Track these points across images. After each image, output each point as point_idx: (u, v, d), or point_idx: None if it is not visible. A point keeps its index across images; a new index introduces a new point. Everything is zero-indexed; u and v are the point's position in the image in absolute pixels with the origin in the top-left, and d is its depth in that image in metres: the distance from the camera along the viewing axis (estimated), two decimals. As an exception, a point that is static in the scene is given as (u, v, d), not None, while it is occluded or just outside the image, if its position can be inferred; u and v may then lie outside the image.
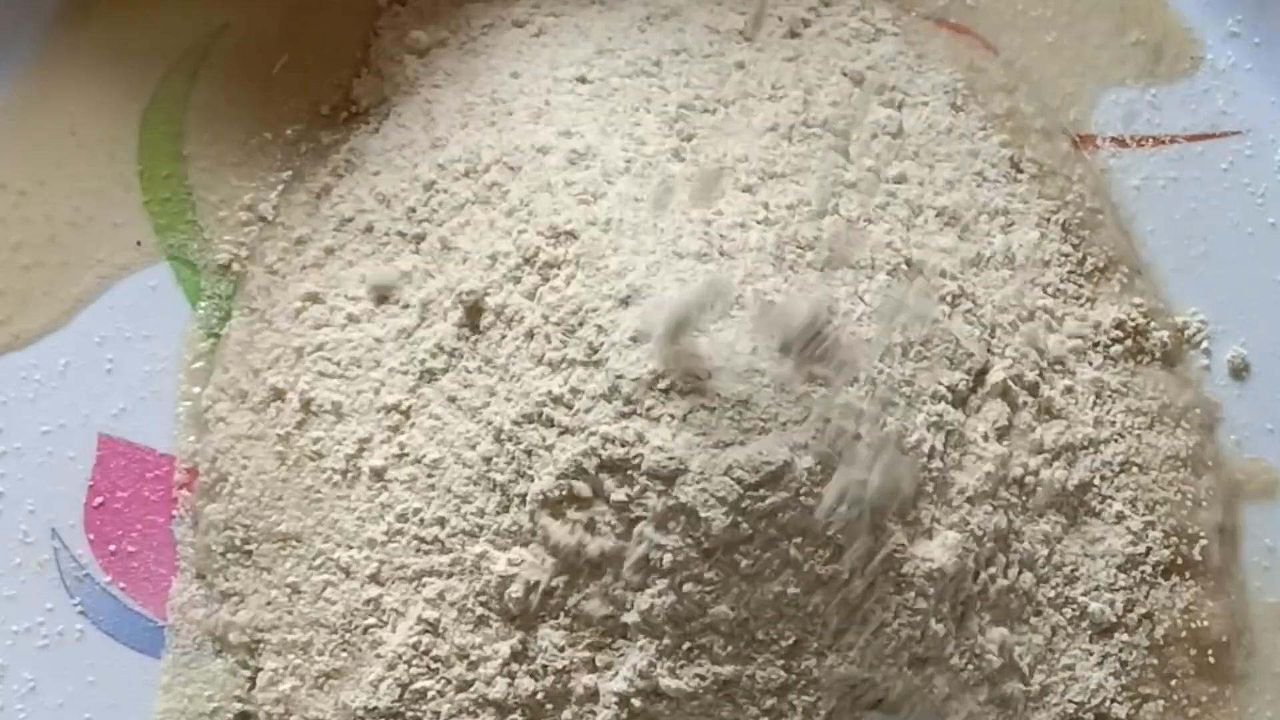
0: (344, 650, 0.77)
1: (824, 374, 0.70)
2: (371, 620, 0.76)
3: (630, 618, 0.72)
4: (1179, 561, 0.81)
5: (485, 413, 0.75)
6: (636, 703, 0.72)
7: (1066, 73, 0.90)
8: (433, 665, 0.75)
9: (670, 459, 0.70)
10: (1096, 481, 0.80)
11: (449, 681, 0.75)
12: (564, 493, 0.72)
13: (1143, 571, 0.80)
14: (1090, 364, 0.83)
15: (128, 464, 0.82)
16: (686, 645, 0.71)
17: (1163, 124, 0.89)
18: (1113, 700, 0.78)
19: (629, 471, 0.70)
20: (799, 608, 0.71)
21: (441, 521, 0.75)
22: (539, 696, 0.74)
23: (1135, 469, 0.82)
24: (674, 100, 0.82)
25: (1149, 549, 0.81)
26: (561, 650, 0.73)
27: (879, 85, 0.86)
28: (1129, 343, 0.84)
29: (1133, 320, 0.84)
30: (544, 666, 0.73)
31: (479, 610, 0.74)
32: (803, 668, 0.72)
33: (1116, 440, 0.81)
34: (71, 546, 0.80)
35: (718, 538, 0.70)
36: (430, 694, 0.75)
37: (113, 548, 0.81)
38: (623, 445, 0.70)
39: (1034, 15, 0.91)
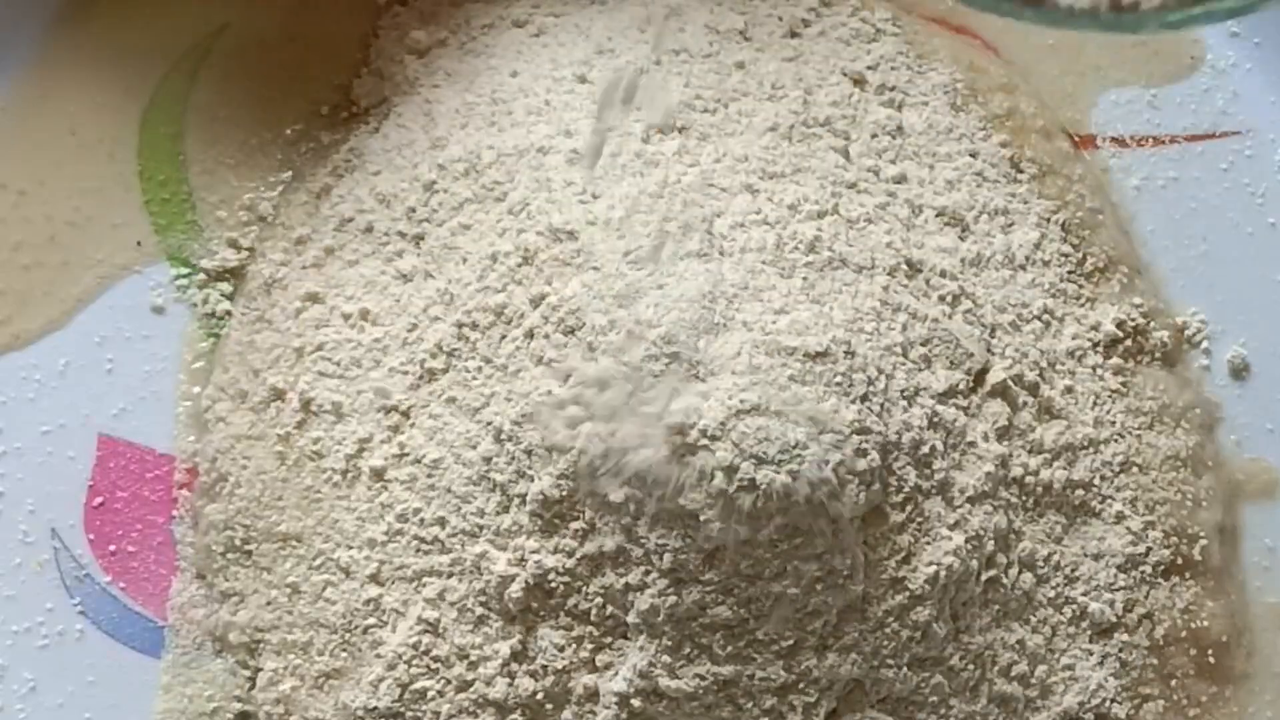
0: (344, 650, 0.77)
1: None
2: (371, 620, 0.76)
3: (630, 618, 0.72)
4: (1179, 561, 0.81)
5: (485, 413, 0.75)
6: (636, 703, 0.72)
7: (1066, 72, 0.90)
8: (433, 665, 0.75)
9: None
10: (1096, 481, 0.80)
11: (449, 681, 0.75)
12: (564, 493, 0.72)
13: (1143, 571, 0.80)
14: (1090, 364, 0.83)
15: (128, 464, 0.82)
16: (686, 645, 0.71)
17: (1163, 124, 0.89)
18: (1113, 700, 0.78)
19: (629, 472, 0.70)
20: (799, 608, 0.71)
21: (441, 521, 0.75)
22: (539, 696, 0.74)
23: (1135, 469, 0.82)
24: (674, 100, 0.82)
25: (1149, 549, 0.80)
26: (561, 650, 0.73)
27: (879, 85, 0.86)
28: (1129, 343, 0.84)
29: (1133, 320, 0.84)
30: (544, 666, 0.73)
31: (479, 610, 0.74)
32: (803, 668, 0.72)
33: (1116, 440, 0.81)
34: (71, 546, 0.80)
35: (716, 539, 0.70)
36: (430, 694, 0.75)
37: (113, 548, 0.81)
38: (623, 445, 0.70)
39: (1034, 15, 0.91)
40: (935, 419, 0.75)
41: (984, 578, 0.75)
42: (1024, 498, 0.78)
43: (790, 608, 0.71)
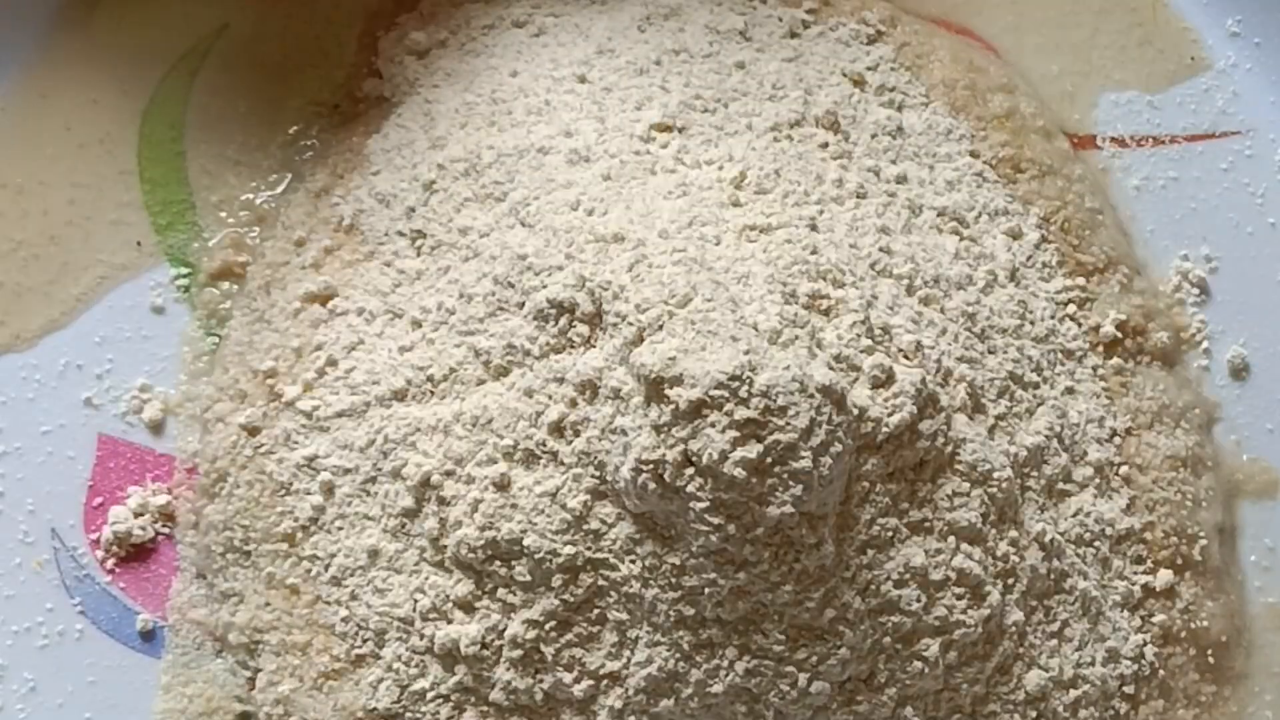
0: (343, 651, 0.77)
1: None
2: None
3: (636, 619, 0.72)
4: (1179, 561, 0.81)
5: (485, 415, 0.75)
6: (641, 702, 0.72)
7: (1066, 72, 0.90)
8: (432, 665, 0.75)
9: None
10: (1097, 481, 0.80)
11: (449, 682, 0.75)
12: (569, 492, 0.72)
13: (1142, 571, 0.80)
14: (1090, 364, 0.83)
15: (128, 464, 0.82)
16: (693, 645, 0.71)
17: (1163, 124, 0.89)
18: (1113, 699, 0.78)
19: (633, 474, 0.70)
20: (802, 606, 0.71)
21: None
22: (539, 697, 0.74)
23: (1135, 469, 0.82)
24: (674, 100, 0.82)
25: (1149, 549, 0.80)
26: (564, 651, 0.73)
27: (879, 85, 0.86)
28: (1129, 343, 0.84)
29: (1133, 320, 0.84)
30: (546, 667, 0.73)
31: (480, 610, 0.74)
32: (813, 664, 0.71)
33: (1116, 440, 0.81)
34: (71, 546, 0.80)
35: (720, 539, 0.69)
36: (430, 695, 0.75)
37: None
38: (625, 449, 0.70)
39: (1034, 15, 0.91)
40: (935, 418, 0.74)
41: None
42: (1022, 498, 0.78)
43: (793, 607, 0.71)
